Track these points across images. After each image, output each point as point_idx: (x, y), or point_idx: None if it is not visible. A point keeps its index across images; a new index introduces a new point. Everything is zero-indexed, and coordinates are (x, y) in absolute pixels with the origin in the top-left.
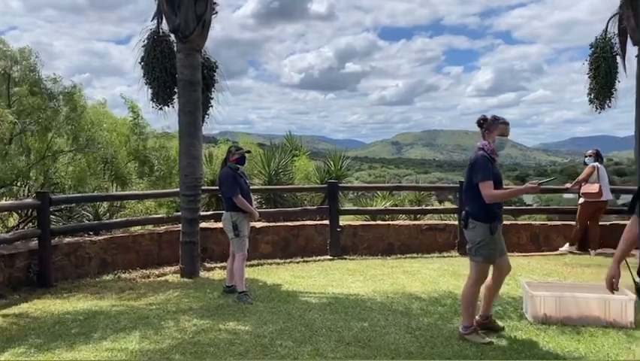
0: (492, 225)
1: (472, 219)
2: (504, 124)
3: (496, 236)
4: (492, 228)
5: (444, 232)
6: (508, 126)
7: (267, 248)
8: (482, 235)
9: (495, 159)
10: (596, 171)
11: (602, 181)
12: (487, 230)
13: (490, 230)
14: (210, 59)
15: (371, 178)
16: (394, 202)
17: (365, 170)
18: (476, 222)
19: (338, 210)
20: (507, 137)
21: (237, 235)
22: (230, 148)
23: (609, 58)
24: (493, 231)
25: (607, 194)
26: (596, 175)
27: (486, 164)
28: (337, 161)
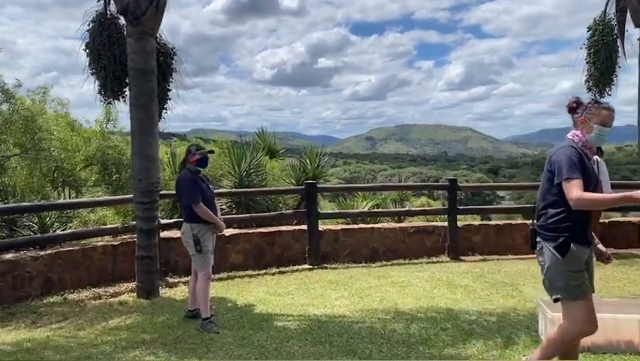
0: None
1: (541, 238)
2: (607, 110)
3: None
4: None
5: (432, 235)
6: (611, 113)
7: (238, 258)
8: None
9: (589, 155)
10: (595, 166)
11: (601, 176)
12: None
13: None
14: (167, 45)
15: (346, 174)
16: (376, 202)
17: (340, 166)
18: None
19: (317, 213)
20: (609, 127)
21: (200, 250)
22: (190, 148)
23: (609, 41)
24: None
25: (607, 190)
26: (596, 170)
27: (573, 158)
28: (314, 158)
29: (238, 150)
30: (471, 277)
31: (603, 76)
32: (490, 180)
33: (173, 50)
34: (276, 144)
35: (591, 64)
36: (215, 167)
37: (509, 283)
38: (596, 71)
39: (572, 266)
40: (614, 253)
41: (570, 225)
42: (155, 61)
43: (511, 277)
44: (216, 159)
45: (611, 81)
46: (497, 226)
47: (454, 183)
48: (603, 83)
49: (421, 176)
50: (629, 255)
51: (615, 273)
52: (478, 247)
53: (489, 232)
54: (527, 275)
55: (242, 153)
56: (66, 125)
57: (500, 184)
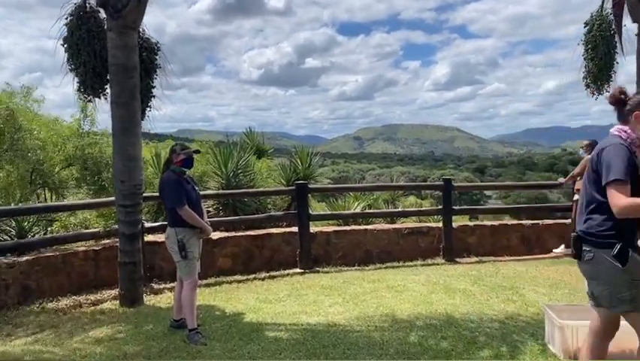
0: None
1: (591, 246)
2: None
3: None
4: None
5: (427, 236)
6: None
7: (226, 263)
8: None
9: (637, 155)
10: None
11: None
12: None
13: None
14: (150, 40)
15: (335, 174)
16: (368, 203)
17: (328, 165)
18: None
19: (309, 215)
20: None
21: (185, 256)
22: (174, 147)
23: (607, 36)
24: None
25: None
26: (585, 169)
27: (624, 158)
28: (305, 158)
29: (225, 149)
30: (468, 281)
31: (601, 72)
32: (478, 180)
33: (157, 45)
34: (264, 144)
35: (589, 60)
36: (201, 167)
37: (508, 287)
38: (595, 67)
39: (633, 275)
40: None
41: (623, 230)
42: (138, 56)
43: (510, 280)
44: (201, 159)
45: (609, 77)
46: (492, 226)
47: (449, 183)
48: (601, 80)
49: (409, 175)
50: None
51: None
52: (474, 249)
53: (484, 232)
54: (526, 278)
55: (229, 152)
56: (42, 124)
57: (493, 183)
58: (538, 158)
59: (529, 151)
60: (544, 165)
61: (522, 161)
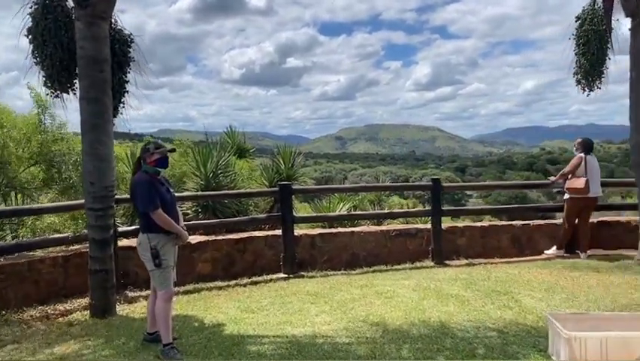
0: None
1: None
2: None
3: None
4: None
5: (415, 238)
6: None
7: (205, 268)
8: None
9: None
10: (582, 164)
11: (590, 175)
12: None
13: None
14: (123, 31)
15: (317, 174)
16: (353, 203)
17: (311, 165)
18: None
19: (293, 217)
20: None
21: (159, 265)
22: (148, 145)
23: (600, 31)
24: None
25: (595, 189)
26: (583, 168)
27: None
28: (288, 158)
29: (204, 149)
30: (460, 285)
31: (593, 68)
32: (459, 179)
33: (131, 38)
34: (245, 143)
35: (580, 55)
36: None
37: (503, 292)
38: (586, 62)
39: None
40: (605, 255)
41: None
42: (109, 49)
43: (504, 284)
44: (180, 159)
45: (600, 74)
46: (482, 227)
47: (438, 183)
48: (593, 76)
49: (391, 175)
50: (620, 256)
51: (612, 278)
52: (463, 250)
53: (474, 233)
54: (520, 282)
55: (208, 152)
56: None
57: (483, 183)
58: (517, 157)
59: (508, 150)
60: (524, 164)
61: (502, 160)
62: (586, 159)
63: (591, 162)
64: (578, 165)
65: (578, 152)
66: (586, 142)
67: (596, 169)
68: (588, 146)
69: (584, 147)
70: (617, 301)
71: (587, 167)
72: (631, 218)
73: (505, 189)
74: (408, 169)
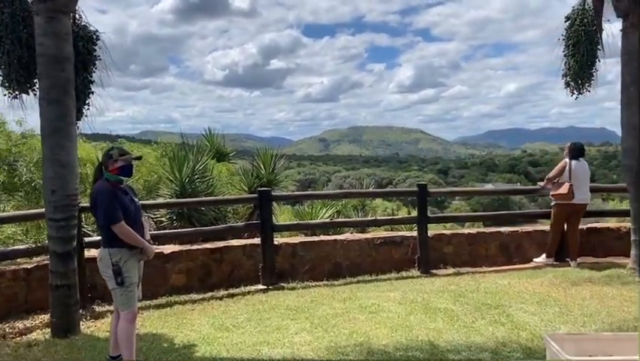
0: None
1: None
2: None
3: None
4: None
5: (401, 247)
6: None
7: (180, 279)
8: None
9: None
10: (567, 169)
11: (575, 180)
12: None
13: None
14: (88, 28)
15: (300, 176)
16: (336, 209)
17: (294, 168)
18: None
19: (272, 225)
20: None
21: (121, 283)
22: (111, 152)
23: (590, 32)
24: None
25: (581, 195)
26: (567, 174)
27: None
28: (268, 162)
29: (179, 152)
30: (449, 298)
31: (583, 70)
32: (442, 181)
33: (96, 35)
34: (225, 146)
35: (569, 57)
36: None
37: (494, 305)
38: (575, 64)
39: None
40: (595, 263)
41: None
42: (72, 46)
43: (494, 296)
44: (156, 163)
45: (590, 76)
46: (470, 235)
47: (424, 189)
48: (582, 79)
49: (374, 177)
50: (611, 264)
51: (606, 289)
52: (450, 259)
53: (461, 241)
54: (511, 294)
55: (184, 156)
56: None
57: (470, 189)
58: (499, 159)
59: (490, 153)
60: (506, 167)
61: (484, 162)
62: (571, 164)
63: (577, 167)
64: (562, 170)
65: (566, 157)
66: (573, 147)
67: (584, 174)
68: (575, 151)
69: (571, 151)
70: (613, 315)
71: (571, 172)
72: (620, 225)
73: (493, 194)
74: (391, 171)
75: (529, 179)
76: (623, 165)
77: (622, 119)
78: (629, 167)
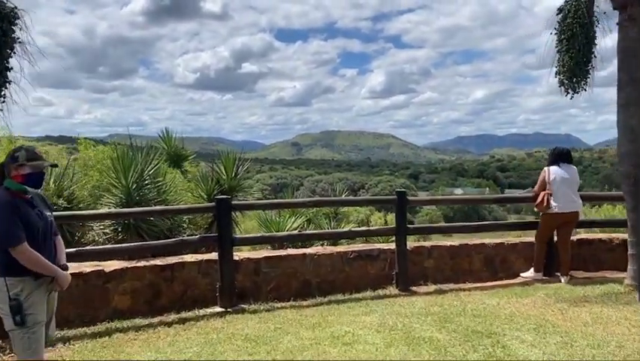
0: None
1: None
2: None
3: None
4: None
5: (377, 261)
6: None
7: (124, 301)
8: None
9: None
10: (546, 176)
11: (555, 188)
12: None
13: None
14: (4, 4)
15: (272, 180)
16: (307, 217)
17: (266, 172)
18: None
19: (232, 238)
20: None
21: (22, 322)
22: (16, 154)
23: (586, 24)
24: None
25: (565, 204)
26: (545, 181)
27: None
28: (230, 166)
29: (124, 155)
30: (433, 323)
31: (579, 66)
32: (413, 186)
33: (14, 12)
34: (183, 148)
35: (563, 52)
36: None
37: (485, 333)
38: (570, 60)
39: None
40: (587, 278)
41: None
42: None
43: (484, 321)
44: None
45: (587, 73)
46: (452, 247)
47: (403, 196)
48: (578, 76)
49: (347, 182)
50: (605, 279)
51: (607, 311)
52: (431, 274)
53: (442, 254)
54: (502, 317)
55: (131, 159)
56: None
57: (452, 197)
58: (468, 164)
59: (459, 158)
60: (475, 172)
61: (454, 167)
62: (548, 170)
63: (557, 173)
64: (542, 180)
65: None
66: (553, 152)
67: (566, 181)
68: (553, 156)
69: (550, 157)
70: (624, 346)
71: (549, 179)
72: (612, 236)
73: (477, 203)
74: (363, 176)
75: (498, 184)
76: (619, 171)
77: (618, 121)
78: (626, 174)
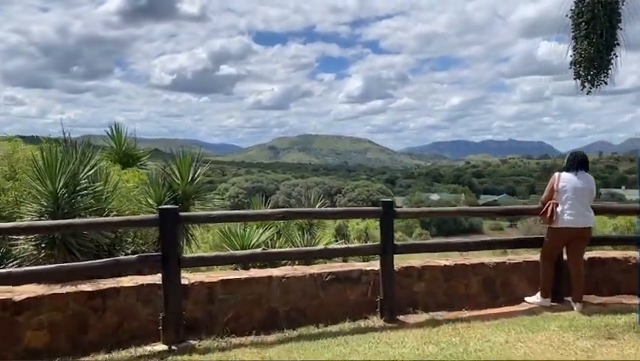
0: None
1: None
2: None
3: None
4: None
5: (358, 285)
6: None
7: (39, 338)
8: None
9: None
10: (555, 184)
11: (564, 198)
12: None
13: None
14: None
15: (248, 184)
16: (277, 228)
17: (242, 175)
18: None
19: (180, 258)
20: None
21: None
22: None
23: (609, 4)
24: None
25: (574, 217)
26: (553, 189)
27: None
28: (186, 168)
29: (50, 154)
30: None
31: (600, 54)
32: (390, 191)
33: None
34: (135, 148)
35: (581, 38)
36: None
37: None
38: (590, 47)
39: None
40: (602, 305)
41: None
42: None
43: None
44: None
45: (608, 63)
46: (446, 267)
47: (390, 208)
48: (599, 65)
49: (323, 186)
50: (622, 307)
51: (630, 349)
52: (422, 299)
53: (435, 275)
54: None
55: (60, 159)
56: None
57: (444, 209)
58: (444, 170)
59: (435, 163)
60: (451, 177)
61: (430, 173)
62: (559, 177)
63: (569, 181)
64: (551, 187)
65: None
66: (569, 157)
67: (580, 191)
68: (569, 161)
69: (566, 163)
70: None
71: (557, 186)
72: (628, 254)
73: (476, 215)
74: (340, 180)
75: (474, 190)
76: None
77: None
78: None
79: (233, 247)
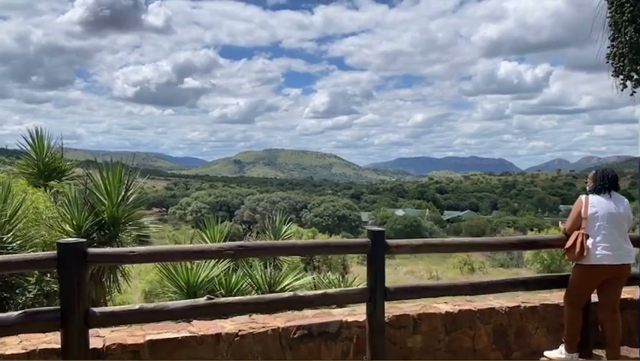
0: None
1: None
2: None
3: None
4: None
5: (336, 341)
6: None
7: None
8: None
9: None
10: (583, 208)
11: (592, 226)
12: None
13: None
14: None
15: (211, 198)
16: (234, 260)
17: (206, 189)
18: None
19: (87, 313)
20: None
21: None
22: None
23: None
24: None
25: (607, 251)
26: (580, 215)
27: None
28: (115, 185)
29: None
30: None
31: None
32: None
33: None
34: (61, 160)
35: (625, 24)
36: None
37: None
38: (636, 34)
39: None
40: (636, 359)
41: None
42: None
43: None
44: None
45: None
46: (449, 315)
47: (380, 239)
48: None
49: (289, 201)
50: None
51: None
52: (417, 356)
53: (434, 326)
54: None
55: None
56: None
57: (449, 241)
58: (408, 186)
59: (399, 179)
60: (415, 193)
61: (394, 188)
62: (588, 200)
63: (601, 206)
64: (578, 212)
65: (589, 191)
66: (597, 175)
67: (615, 218)
68: (597, 181)
69: (594, 183)
70: None
71: (586, 213)
72: None
73: (490, 250)
74: (306, 195)
75: (437, 205)
76: None
77: None
78: None
79: (176, 285)
